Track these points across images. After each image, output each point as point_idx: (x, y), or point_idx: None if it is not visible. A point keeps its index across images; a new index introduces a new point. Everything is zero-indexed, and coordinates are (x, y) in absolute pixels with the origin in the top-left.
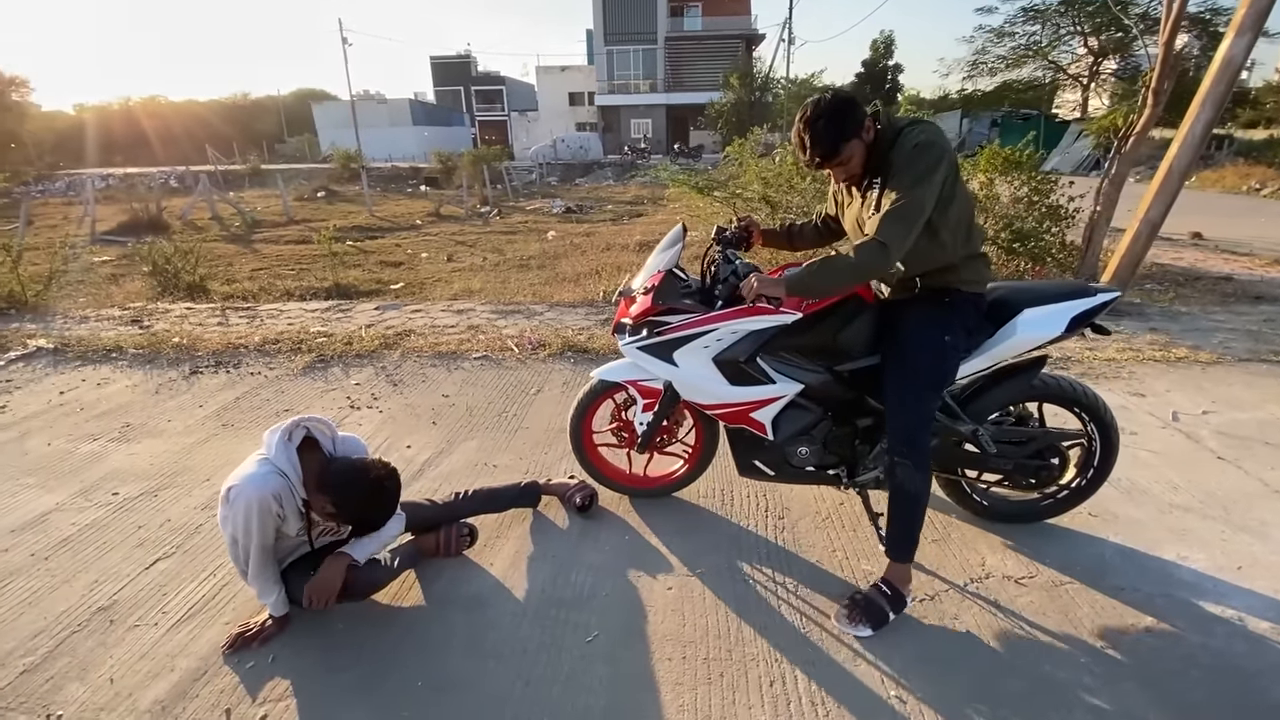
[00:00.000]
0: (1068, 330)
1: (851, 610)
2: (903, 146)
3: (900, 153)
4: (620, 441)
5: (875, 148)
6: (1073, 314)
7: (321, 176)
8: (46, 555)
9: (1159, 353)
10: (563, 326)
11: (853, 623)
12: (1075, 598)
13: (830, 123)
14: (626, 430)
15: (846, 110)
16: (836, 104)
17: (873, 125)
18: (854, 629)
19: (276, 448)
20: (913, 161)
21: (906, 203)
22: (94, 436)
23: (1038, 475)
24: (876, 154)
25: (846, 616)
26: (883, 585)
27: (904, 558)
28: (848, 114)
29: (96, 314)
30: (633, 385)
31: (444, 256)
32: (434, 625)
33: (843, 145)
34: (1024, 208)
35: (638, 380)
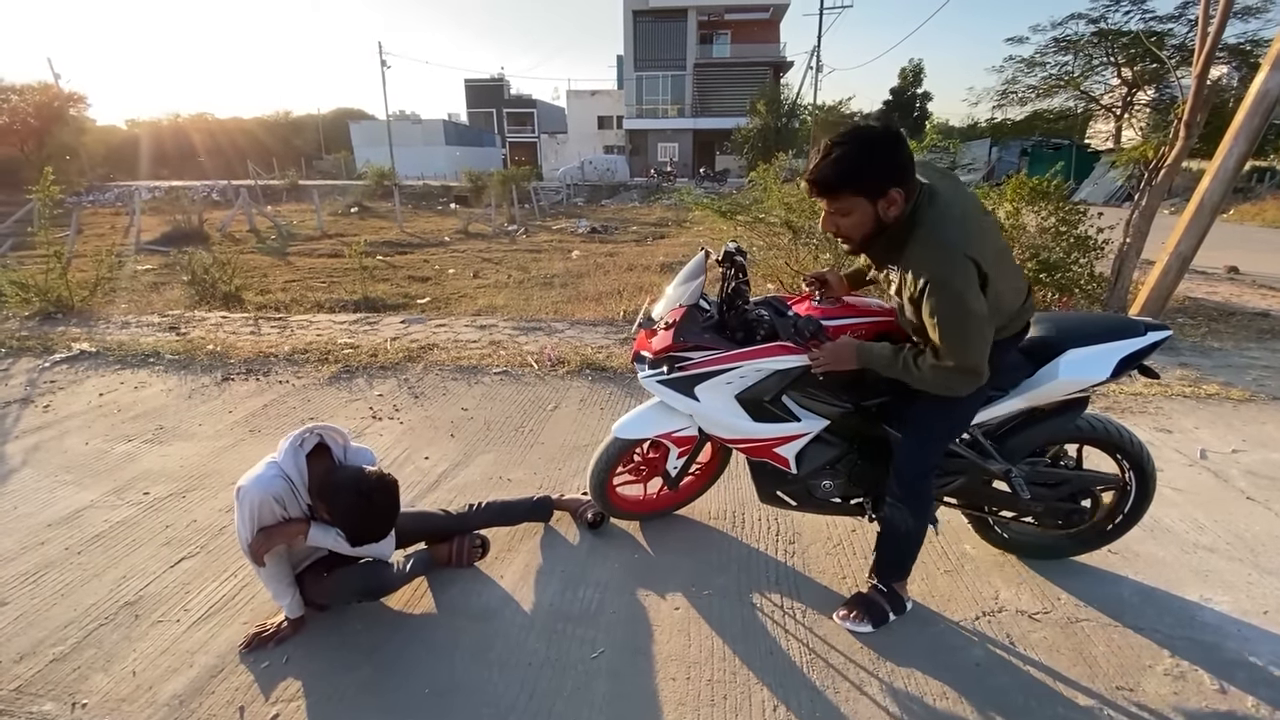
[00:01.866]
0: (1114, 374)
1: (852, 608)
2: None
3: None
4: (639, 477)
5: (896, 230)
6: (1121, 355)
7: (356, 192)
8: (79, 550)
9: (1189, 388)
10: (582, 344)
11: (854, 620)
12: (1091, 636)
13: (848, 154)
14: (646, 464)
15: (875, 153)
16: (869, 140)
17: (901, 201)
18: (855, 626)
19: (285, 452)
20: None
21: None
22: (129, 437)
23: (1067, 518)
24: (896, 236)
25: (847, 614)
26: (881, 586)
27: (891, 580)
28: (872, 158)
29: (137, 320)
30: (667, 438)
31: (470, 272)
32: (443, 632)
33: (842, 188)
34: (1051, 238)
35: (672, 432)
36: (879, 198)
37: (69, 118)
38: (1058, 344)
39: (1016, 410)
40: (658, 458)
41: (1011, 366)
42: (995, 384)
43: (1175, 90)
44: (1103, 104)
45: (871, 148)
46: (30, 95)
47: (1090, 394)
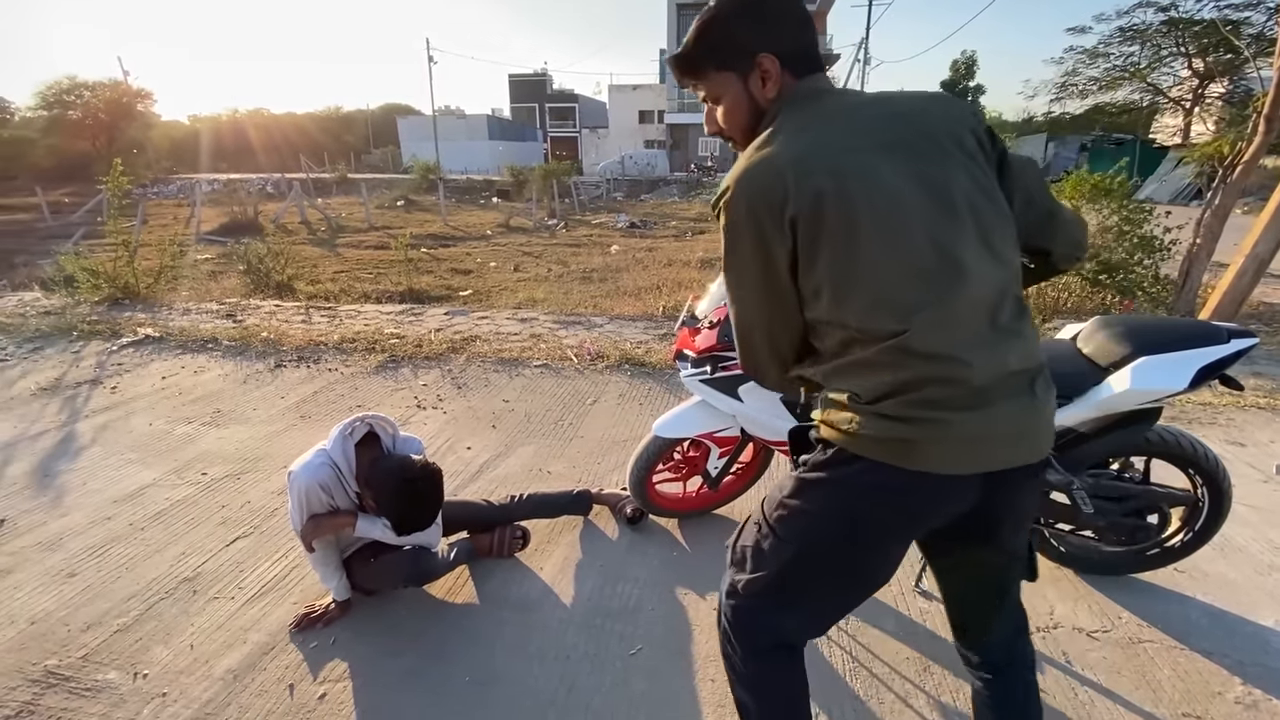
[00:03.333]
0: (1192, 384)
1: None
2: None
3: None
4: (679, 475)
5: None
6: (1200, 364)
7: (402, 186)
8: (142, 526)
9: (1264, 399)
10: (621, 339)
11: None
12: (1155, 658)
13: (705, 17)
14: (686, 463)
15: (735, 9)
16: (703, 25)
17: (776, 73)
18: None
19: (334, 440)
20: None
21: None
22: (189, 420)
23: (1132, 534)
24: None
25: None
26: None
27: None
28: (730, 16)
29: (197, 307)
30: (708, 438)
31: (511, 266)
32: (484, 623)
33: (703, 63)
34: (1113, 238)
35: (714, 433)
36: (748, 72)
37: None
38: (1129, 350)
39: (1081, 420)
40: (698, 456)
41: (1076, 373)
42: (1059, 391)
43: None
44: (1171, 97)
45: (732, 5)
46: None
47: (1163, 405)
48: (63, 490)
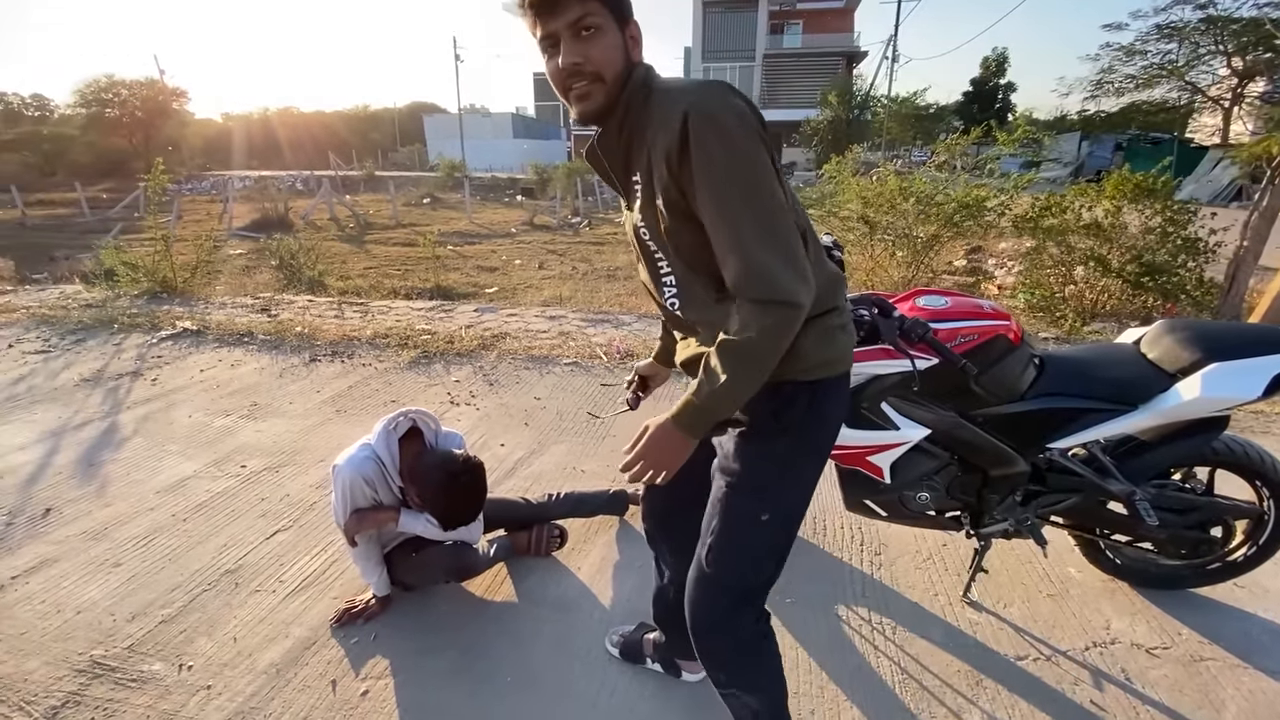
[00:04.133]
0: (1266, 392)
1: None
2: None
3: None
4: None
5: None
6: (1275, 372)
7: (428, 184)
8: (185, 517)
9: None
10: (650, 338)
11: None
12: (1218, 677)
13: None
14: None
15: None
16: None
17: (640, 44)
18: None
19: (379, 435)
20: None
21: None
22: (227, 412)
23: (1194, 547)
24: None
25: None
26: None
27: None
28: None
29: (232, 301)
30: None
31: (536, 264)
32: (524, 622)
33: None
34: (1156, 239)
35: None
36: (625, 23)
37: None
38: (1199, 356)
39: (1145, 428)
40: None
41: (1141, 379)
42: (1123, 397)
43: None
44: (1209, 96)
45: None
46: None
47: (1231, 413)
48: (107, 480)
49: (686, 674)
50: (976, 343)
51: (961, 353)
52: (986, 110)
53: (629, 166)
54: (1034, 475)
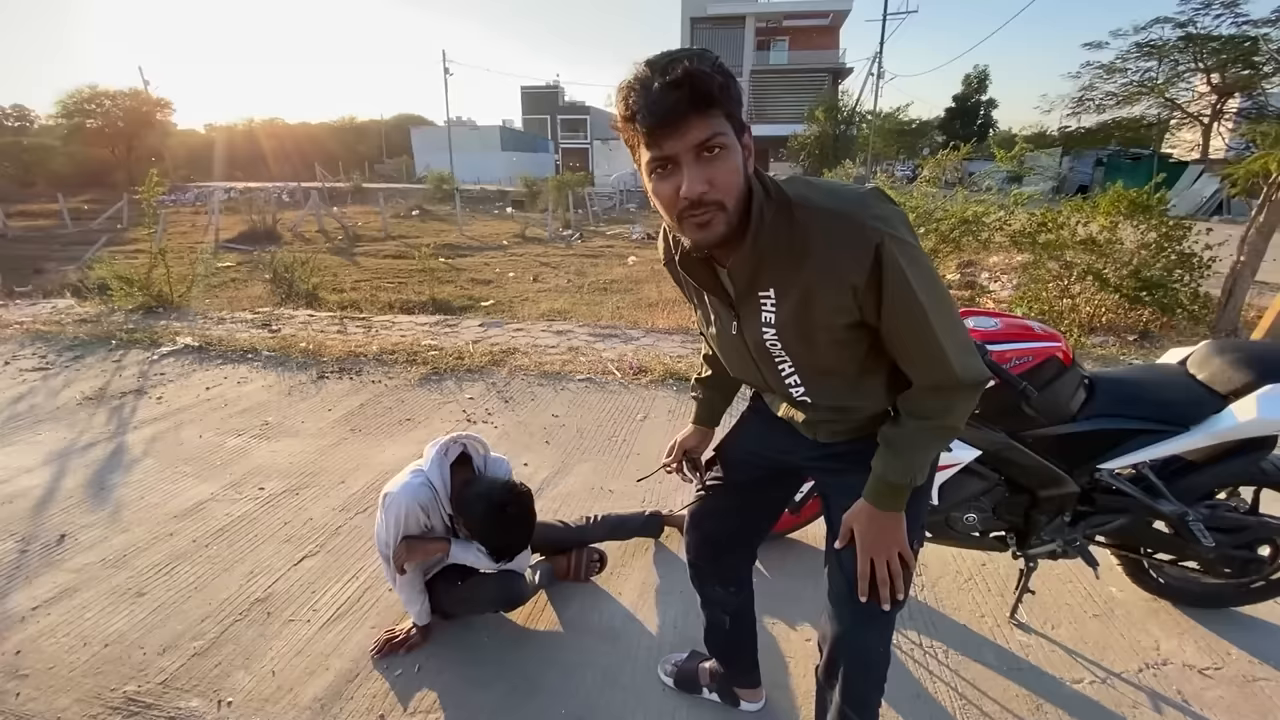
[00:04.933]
0: None
1: None
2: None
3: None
4: None
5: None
6: None
7: (417, 196)
8: (206, 543)
9: None
10: (661, 353)
11: None
12: (1274, 697)
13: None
14: None
15: (731, 78)
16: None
17: (748, 152)
18: None
19: (432, 461)
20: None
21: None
22: (238, 432)
23: (1243, 567)
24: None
25: None
26: None
27: None
28: (731, 80)
29: (231, 316)
30: None
31: (530, 276)
32: (571, 652)
33: (713, 103)
34: (1151, 254)
35: None
36: (742, 133)
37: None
38: (1253, 377)
39: (1196, 448)
40: None
41: (1193, 400)
42: (1174, 418)
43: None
44: (1189, 112)
45: (714, 59)
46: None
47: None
48: (120, 504)
49: (746, 704)
50: (1031, 364)
51: (1017, 374)
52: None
53: (755, 283)
54: (1082, 496)
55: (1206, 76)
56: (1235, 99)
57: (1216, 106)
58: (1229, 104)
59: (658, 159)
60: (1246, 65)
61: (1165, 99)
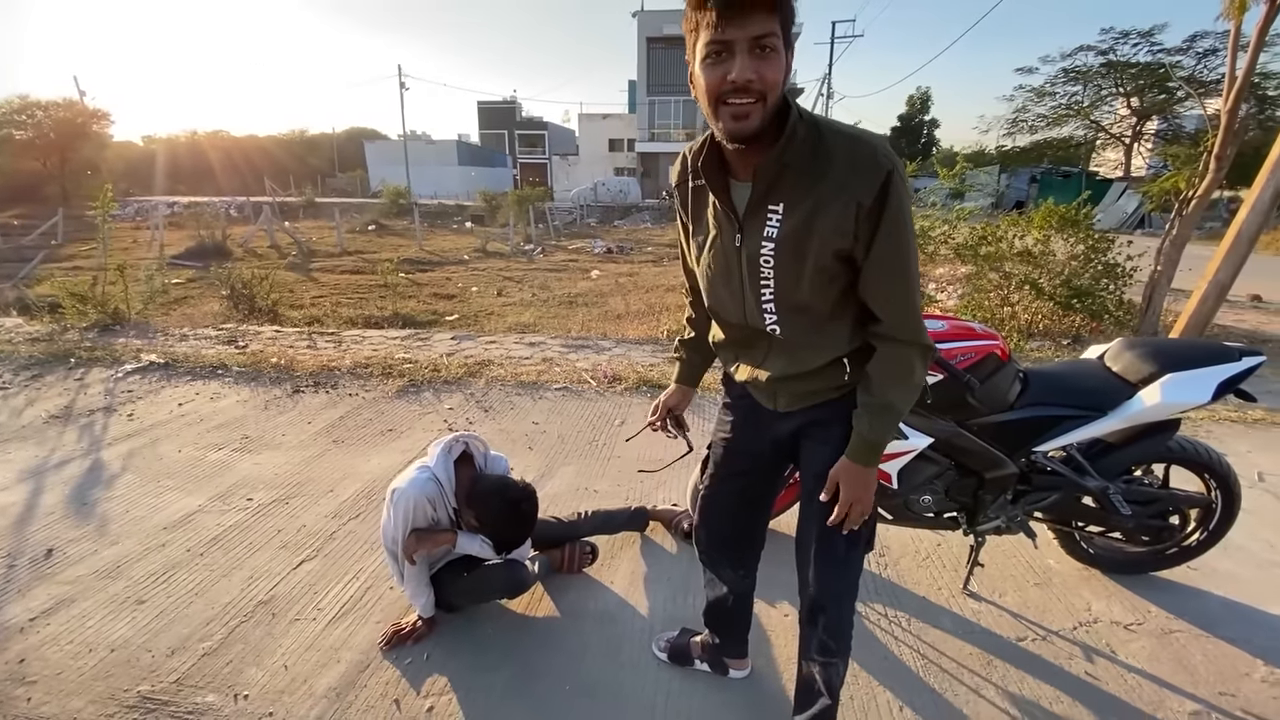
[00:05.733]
0: (1214, 397)
1: None
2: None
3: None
4: None
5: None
6: (1220, 380)
7: (372, 211)
8: (201, 551)
9: (1234, 413)
10: (633, 362)
11: None
12: (1187, 646)
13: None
14: None
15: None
16: None
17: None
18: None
19: (438, 458)
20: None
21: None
22: (218, 446)
23: (1157, 534)
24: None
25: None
26: None
27: None
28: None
29: (193, 332)
30: None
31: (494, 291)
32: (570, 636)
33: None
34: (1080, 265)
35: None
36: (789, 48)
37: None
38: (1156, 368)
39: (1113, 430)
40: None
41: (1108, 388)
42: (1095, 404)
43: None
44: (1111, 133)
45: None
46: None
47: (1183, 416)
48: (105, 518)
49: (734, 671)
50: (973, 360)
51: (963, 369)
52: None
53: (770, 194)
54: (1021, 477)
55: (1126, 100)
56: (1153, 121)
57: (1136, 128)
58: (1147, 126)
59: (717, 42)
60: (1161, 90)
61: (1090, 121)
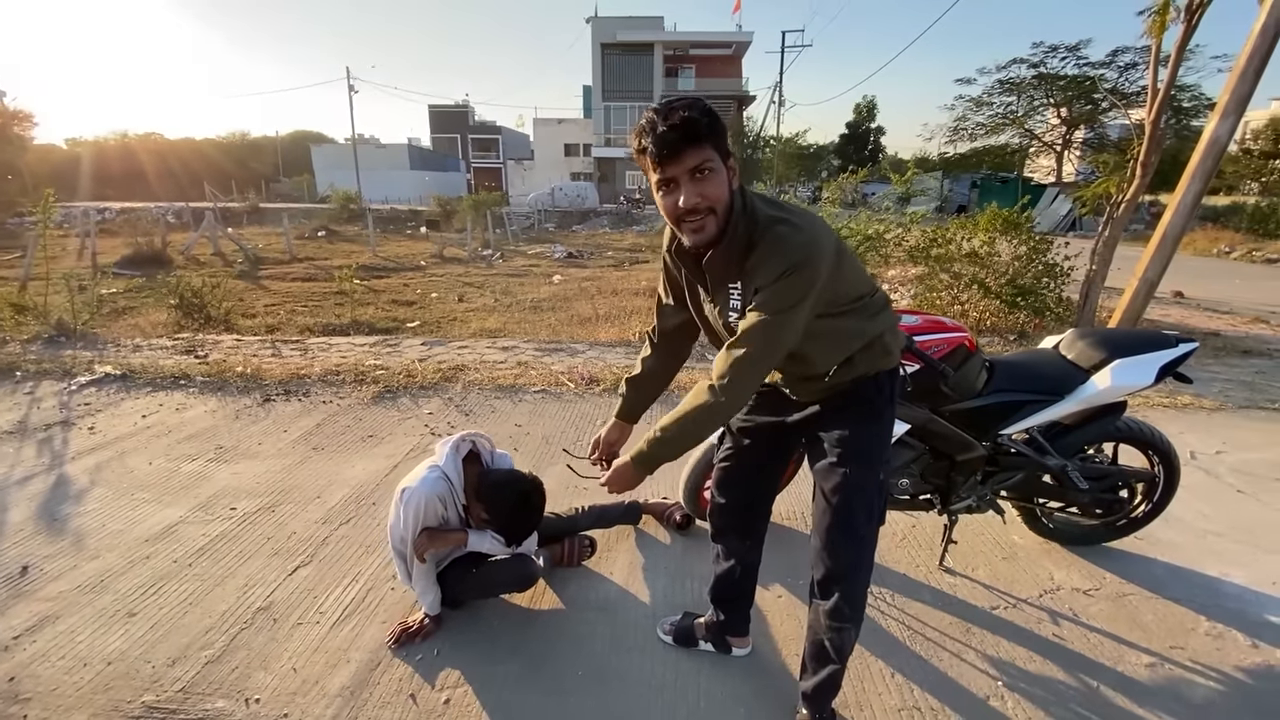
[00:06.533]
0: (1156, 379)
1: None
2: (768, 253)
3: (764, 262)
4: None
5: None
6: (1161, 364)
7: (321, 216)
8: (189, 562)
9: (1166, 399)
10: (609, 364)
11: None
12: (1140, 607)
13: (695, 103)
14: None
15: (719, 120)
16: (704, 106)
17: (736, 174)
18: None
19: (447, 457)
20: (779, 291)
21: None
22: (191, 457)
23: (1109, 507)
24: (734, 231)
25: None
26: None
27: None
28: (716, 120)
29: (147, 343)
30: None
31: (454, 297)
32: (576, 625)
33: (706, 137)
34: (1023, 265)
35: None
36: (727, 160)
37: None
38: (1106, 355)
39: (1069, 413)
40: None
41: (1064, 375)
42: (1052, 389)
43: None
44: (1044, 141)
45: (702, 107)
46: None
47: (1129, 399)
48: (81, 533)
49: (736, 649)
50: (945, 351)
51: (938, 359)
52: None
53: (726, 276)
54: (989, 458)
55: (1057, 110)
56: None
57: (1066, 136)
58: (1076, 134)
59: (663, 180)
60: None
61: (1025, 129)
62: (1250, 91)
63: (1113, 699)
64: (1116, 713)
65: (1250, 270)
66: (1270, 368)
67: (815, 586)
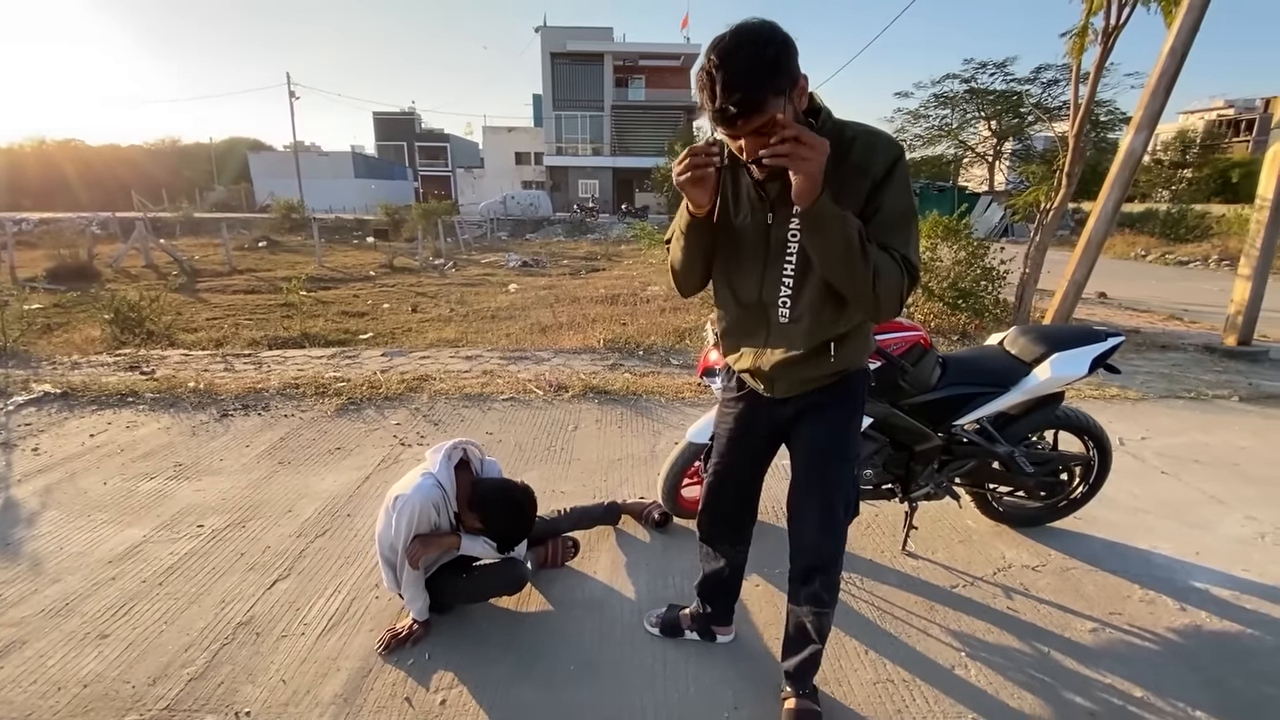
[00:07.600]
0: (1089, 371)
1: None
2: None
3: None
4: (700, 480)
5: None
6: (1093, 356)
7: (262, 226)
8: (159, 581)
9: (1095, 392)
10: (576, 370)
11: None
12: (1082, 579)
13: (759, 59)
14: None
15: (784, 49)
16: (771, 34)
17: (807, 83)
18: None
19: (440, 464)
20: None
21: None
22: (149, 475)
23: (1051, 490)
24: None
25: None
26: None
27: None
28: (784, 55)
29: (86, 360)
30: None
31: (407, 307)
32: (565, 623)
33: (770, 96)
34: (963, 269)
35: None
36: (793, 88)
37: None
38: (1045, 349)
39: (1014, 403)
40: None
41: (1009, 368)
42: (999, 382)
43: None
44: (977, 152)
45: (767, 37)
46: None
47: (1067, 389)
48: (38, 557)
49: (720, 637)
50: (903, 348)
51: (897, 356)
52: None
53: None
54: (944, 448)
55: (987, 123)
56: (1010, 142)
57: (996, 148)
58: (1005, 146)
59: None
60: (1015, 115)
61: (959, 141)
62: (1161, 108)
63: (1062, 662)
64: (1066, 674)
65: (1164, 272)
66: (1185, 361)
67: (797, 576)
